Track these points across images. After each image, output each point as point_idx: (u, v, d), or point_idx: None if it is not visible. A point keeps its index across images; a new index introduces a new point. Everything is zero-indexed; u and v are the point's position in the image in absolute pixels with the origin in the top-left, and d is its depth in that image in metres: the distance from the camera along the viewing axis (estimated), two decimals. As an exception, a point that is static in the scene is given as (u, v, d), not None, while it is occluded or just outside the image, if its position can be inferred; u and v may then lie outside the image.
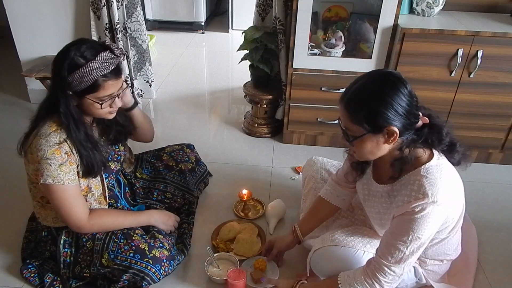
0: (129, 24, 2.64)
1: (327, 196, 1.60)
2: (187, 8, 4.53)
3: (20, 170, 2.21)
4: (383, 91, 1.14)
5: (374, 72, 1.24)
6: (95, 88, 1.34)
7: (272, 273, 1.62)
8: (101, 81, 1.33)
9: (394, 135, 1.15)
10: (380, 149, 1.21)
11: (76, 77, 1.31)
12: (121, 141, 1.67)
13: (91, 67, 1.30)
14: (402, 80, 1.17)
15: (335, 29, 2.33)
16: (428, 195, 1.15)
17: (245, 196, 1.94)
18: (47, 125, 1.37)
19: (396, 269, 1.22)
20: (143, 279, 1.43)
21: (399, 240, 1.19)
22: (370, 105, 1.15)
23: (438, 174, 1.18)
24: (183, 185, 1.91)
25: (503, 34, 2.02)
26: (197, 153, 2.11)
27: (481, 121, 2.27)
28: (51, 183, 1.35)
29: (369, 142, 1.19)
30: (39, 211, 1.55)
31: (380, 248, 1.26)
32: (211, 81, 3.53)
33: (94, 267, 1.47)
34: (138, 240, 1.48)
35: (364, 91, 1.17)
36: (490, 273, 1.69)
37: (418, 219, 1.16)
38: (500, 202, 2.12)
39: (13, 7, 2.61)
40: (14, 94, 3.07)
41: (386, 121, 1.14)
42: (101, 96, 1.36)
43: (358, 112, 1.16)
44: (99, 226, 1.49)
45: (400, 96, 1.13)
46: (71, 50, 1.31)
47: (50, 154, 1.34)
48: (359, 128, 1.17)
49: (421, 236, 1.18)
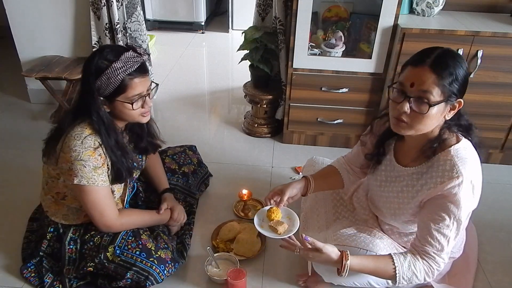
0: (129, 24, 2.64)
1: (339, 167, 1.59)
2: (187, 8, 4.53)
3: (20, 169, 2.23)
4: (464, 63, 1.17)
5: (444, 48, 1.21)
6: (123, 89, 1.35)
7: (290, 220, 1.49)
8: (127, 80, 1.35)
9: (458, 108, 1.18)
10: (437, 122, 1.19)
11: (103, 80, 1.33)
12: (150, 152, 1.69)
13: (116, 67, 1.32)
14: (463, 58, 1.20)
15: (335, 29, 2.34)
16: (462, 174, 1.16)
17: (245, 196, 1.94)
18: (80, 127, 1.38)
19: (445, 256, 1.23)
20: (147, 279, 1.43)
21: (442, 225, 1.20)
22: (459, 72, 1.14)
23: (469, 155, 1.20)
24: (185, 188, 1.92)
25: (503, 34, 2.02)
26: (199, 155, 2.12)
27: (481, 121, 2.26)
28: (85, 184, 1.37)
29: (439, 111, 1.16)
30: (50, 206, 1.55)
31: (422, 237, 1.25)
32: (211, 81, 3.53)
33: (98, 259, 1.47)
34: (145, 239, 1.50)
35: (451, 58, 1.15)
36: (490, 273, 1.69)
37: (456, 201, 1.17)
38: (500, 202, 2.12)
39: (13, 7, 2.61)
40: (14, 94, 3.07)
41: (462, 92, 1.16)
42: (131, 96, 1.38)
43: (448, 76, 1.13)
44: (128, 225, 1.52)
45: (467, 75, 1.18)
46: (95, 57, 1.34)
47: (85, 156, 1.36)
48: (441, 93, 1.14)
49: (461, 217, 1.18)
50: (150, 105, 1.46)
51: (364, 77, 2.28)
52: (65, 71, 2.53)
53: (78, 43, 2.73)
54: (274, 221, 1.46)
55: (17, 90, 3.07)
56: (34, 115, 2.81)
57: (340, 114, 2.40)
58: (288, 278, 1.62)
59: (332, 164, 1.63)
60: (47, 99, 2.78)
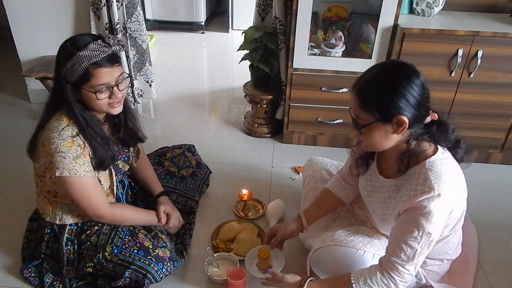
0: (129, 24, 2.64)
1: (333, 188, 1.60)
2: (187, 8, 4.53)
3: (20, 169, 2.23)
4: (395, 80, 1.15)
5: (388, 62, 1.25)
6: (87, 77, 1.34)
7: (278, 260, 1.59)
8: (91, 69, 1.34)
9: (403, 125, 1.15)
10: (388, 139, 1.21)
11: (68, 67, 1.33)
12: (131, 145, 1.68)
13: (80, 55, 1.31)
14: (416, 70, 1.18)
15: (335, 29, 2.33)
16: (434, 188, 1.15)
17: (245, 196, 1.94)
18: (56, 119, 1.39)
19: (409, 267, 1.21)
20: (145, 277, 1.43)
21: (409, 237, 1.18)
22: (382, 93, 1.16)
23: (443, 168, 1.18)
24: (184, 191, 1.92)
25: (503, 34, 2.02)
26: (198, 155, 2.12)
27: (481, 121, 2.27)
28: (67, 175, 1.37)
29: (377, 131, 1.19)
30: (44, 207, 1.55)
31: (390, 247, 1.25)
32: (211, 81, 3.53)
33: (97, 259, 1.47)
34: (142, 238, 1.50)
35: (377, 79, 1.18)
36: (490, 273, 1.69)
37: (426, 213, 1.15)
38: (500, 202, 2.12)
39: (13, 7, 2.61)
40: (14, 94, 3.07)
41: (396, 110, 1.14)
42: (95, 85, 1.36)
43: (369, 99, 1.17)
44: (120, 216, 1.53)
45: (413, 87, 1.14)
46: (66, 43, 1.36)
47: (63, 147, 1.36)
48: (368, 116, 1.18)
49: (431, 231, 1.17)
50: (119, 96, 1.43)
51: (364, 77, 2.27)
52: (65, 71, 2.53)
53: (78, 43, 2.73)
54: (261, 261, 1.58)
55: (17, 90, 3.07)
56: (34, 115, 2.81)
57: (340, 114, 2.40)
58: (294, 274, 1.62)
59: (326, 187, 1.63)
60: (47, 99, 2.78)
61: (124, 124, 1.59)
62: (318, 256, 1.45)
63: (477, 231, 1.84)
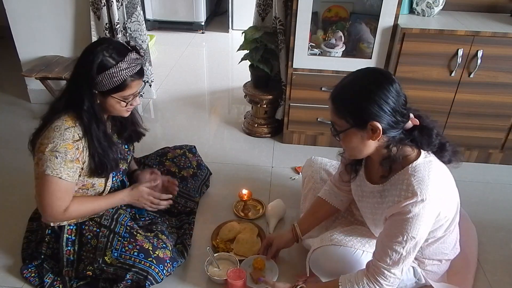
0: (129, 24, 2.64)
1: (326, 196, 1.61)
2: (187, 8, 4.53)
3: (20, 170, 2.23)
4: (367, 87, 1.17)
5: (363, 69, 1.26)
6: (122, 88, 1.38)
7: (272, 272, 1.62)
8: (129, 81, 1.38)
9: (377, 131, 1.16)
10: (366, 146, 1.22)
11: (106, 77, 1.34)
12: (134, 140, 1.69)
13: (121, 68, 1.34)
14: (390, 78, 1.18)
15: (335, 29, 2.33)
16: (417, 194, 1.15)
17: (245, 196, 1.94)
18: (61, 119, 1.39)
19: (395, 271, 1.22)
20: (146, 279, 1.43)
21: (394, 241, 1.20)
22: (354, 99, 1.19)
23: (426, 172, 1.18)
24: (184, 192, 1.92)
25: (503, 34, 2.02)
26: (199, 156, 2.12)
27: (481, 121, 2.27)
28: (49, 174, 1.36)
29: (354, 137, 1.22)
30: None
31: (376, 251, 1.27)
32: (211, 81, 3.53)
33: (97, 264, 1.48)
34: (141, 239, 1.50)
35: (350, 86, 1.22)
36: (490, 273, 1.69)
37: (410, 218, 1.17)
38: (500, 202, 2.12)
39: (13, 7, 2.61)
40: (14, 94, 3.07)
41: (369, 116, 1.16)
42: (127, 95, 1.40)
43: (343, 106, 1.21)
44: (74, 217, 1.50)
45: (385, 93, 1.15)
46: (98, 51, 1.34)
47: (61, 148, 1.35)
48: (343, 122, 1.21)
49: (415, 235, 1.18)
50: (139, 102, 1.49)
51: (364, 77, 2.27)
52: (65, 71, 2.53)
53: (78, 43, 2.73)
54: (255, 271, 1.59)
55: (17, 90, 3.07)
56: (34, 115, 2.81)
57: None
58: (287, 278, 1.62)
59: (320, 195, 1.63)
60: (47, 99, 2.77)
61: (130, 121, 1.61)
62: (317, 256, 1.45)
63: (477, 231, 1.83)
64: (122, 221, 1.56)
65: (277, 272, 1.61)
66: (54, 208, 1.42)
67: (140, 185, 1.65)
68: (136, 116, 1.65)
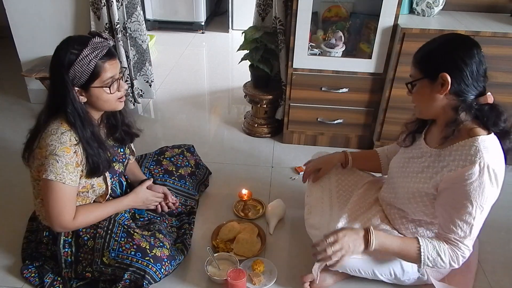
0: (129, 24, 2.64)
1: (380, 153, 1.71)
2: (187, 8, 4.53)
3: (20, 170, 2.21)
4: (451, 43, 1.24)
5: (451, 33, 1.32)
6: (97, 74, 1.36)
7: (271, 274, 1.62)
8: (100, 65, 1.36)
9: (446, 84, 1.20)
10: (434, 100, 1.26)
11: (76, 69, 1.33)
12: (127, 142, 1.67)
13: (86, 54, 1.33)
14: (476, 44, 1.23)
15: (335, 29, 2.34)
16: (485, 160, 1.17)
17: (245, 196, 1.94)
18: (56, 123, 1.38)
19: (468, 242, 1.24)
20: (144, 278, 1.43)
21: (464, 212, 1.21)
22: (435, 51, 1.25)
23: (494, 146, 1.22)
24: (183, 190, 1.92)
25: (503, 34, 2.02)
26: (197, 156, 2.12)
27: (481, 121, 2.26)
28: (52, 179, 1.35)
29: (424, 89, 1.26)
30: (41, 210, 1.54)
31: (444, 224, 1.27)
32: (211, 81, 3.53)
33: (95, 265, 1.48)
34: (139, 239, 1.49)
35: (437, 40, 1.27)
36: (490, 273, 1.69)
37: (477, 186, 1.18)
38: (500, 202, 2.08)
39: (13, 7, 2.61)
40: (14, 94, 3.07)
41: (441, 68, 1.21)
42: (105, 80, 1.38)
43: (423, 56, 1.27)
44: (83, 225, 1.50)
45: (466, 54, 1.20)
46: (61, 49, 1.35)
47: (60, 151, 1.35)
48: (418, 72, 1.27)
49: (483, 204, 1.19)
50: (125, 87, 1.48)
51: (364, 77, 2.28)
52: (65, 71, 2.53)
53: (78, 43, 2.73)
54: (253, 272, 1.60)
55: (17, 90, 3.07)
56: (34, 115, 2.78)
57: (340, 114, 2.40)
58: (287, 278, 1.62)
59: (376, 149, 1.74)
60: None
61: (121, 122, 1.60)
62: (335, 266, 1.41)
63: (477, 231, 1.83)
64: (120, 220, 1.56)
65: (276, 274, 1.61)
66: (64, 217, 1.42)
67: (140, 187, 1.68)
68: (128, 118, 1.64)
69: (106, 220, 1.55)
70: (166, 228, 1.73)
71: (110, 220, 1.55)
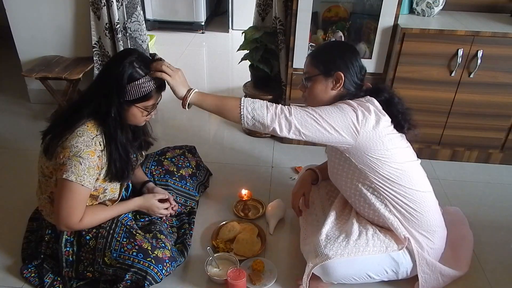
0: (129, 24, 2.64)
1: None
2: (187, 8, 4.53)
3: (20, 170, 2.23)
4: (343, 48, 1.53)
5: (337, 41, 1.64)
6: (147, 98, 1.43)
7: (271, 274, 1.62)
8: (153, 92, 1.43)
9: (340, 81, 1.44)
10: (327, 94, 1.47)
11: (134, 87, 1.39)
12: (143, 149, 1.73)
13: (148, 79, 1.41)
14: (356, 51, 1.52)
15: (335, 29, 2.33)
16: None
17: (245, 196, 1.94)
18: (84, 125, 1.41)
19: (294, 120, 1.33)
20: (145, 279, 1.43)
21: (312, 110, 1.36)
22: (329, 53, 1.50)
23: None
24: (184, 190, 1.92)
25: (503, 34, 2.02)
26: (198, 157, 2.12)
27: (481, 121, 2.27)
28: (73, 180, 1.37)
29: (319, 85, 1.47)
30: (46, 206, 1.55)
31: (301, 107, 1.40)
32: (211, 81, 3.53)
33: (97, 265, 1.48)
34: (140, 239, 1.49)
35: (329, 45, 1.64)
36: (490, 273, 1.69)
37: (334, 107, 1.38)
38: (500, 202, 2.12)
39: (13, 7, 2.62)
40: (14, 94, 3.07)
41: (336, 67, 1.44)
42: (149, 105, 1.46)
43: (319, 57, 1.50)
44: (88, 226, 1.51)
45: (354, 57, 1.47)
46: (127, 62, 1.38)
47: (84, 154, 1.37)
48: (315, 70, 1.47)
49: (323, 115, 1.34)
50: (156, 113, 1.57)
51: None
52: (65, 71, 2.53)
53: (78, 43, 2.73)
54: (253, 272, 1.61)
55: (17, 90, 3.07)
56: (34, 115, 2.81)
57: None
58: (287, 278, 1.62)
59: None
60: (47, 99, 2.78)
61: (142, 131, 1.66)
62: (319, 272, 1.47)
63: (477, 231, 1.83)
64: (123, 220, 1.56)
65: (276, 274, 1.61)
66: (73, 218, 1.43)
67: (153, 197, 1.70)
68: (147, 126, 1.69)
69: (109, 220, 1.55)
70: (167, 228, 1.73)
71: (113, 220, 1.55)
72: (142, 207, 1.68)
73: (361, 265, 1.46)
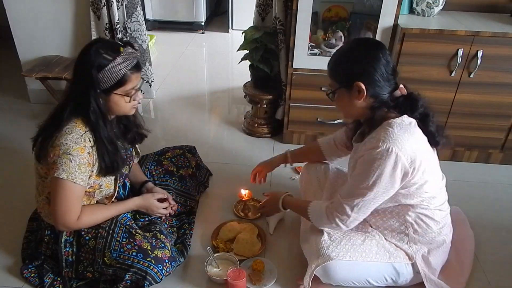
0: (129, 24, 2.64)
1: (322, 144, 1.78)
2: (187, 8, 4.53)
3: (20, 170, 2.23)
4: (357, 52, 1.33)
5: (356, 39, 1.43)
6: (123, 82, 1.40)
7: (271, 274, 1.61)
8: (128, 75, 1.40)
9: (361, 92, 1.30)
10: (353, 106, 1.35)
11: (106, 74, 1.36)
12: (137, 142, 1.71)
13: (118, 62, 1.37)
14: (379, 46, 1.33)
15: (335, 29, 2.33)
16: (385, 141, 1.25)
17: (245, 196, 1.94)
18: (73, 123, 1.40)
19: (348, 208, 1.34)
20: (145, 279, 1.43)
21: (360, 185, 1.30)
22: (344, 62, 1.34)
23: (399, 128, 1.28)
24: (184, 190, 1.92)
25: (503, 34, 2.02)
26: (198, 157, 2.12)
27: (481, 121, 2.27)
28: (64, 178, 1.36)
29: (343, 98, 1.36)
30: (44, 207, 1.55)
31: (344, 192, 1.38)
32: (211, 81, 3.53)
33: (97, 265, 1.48)
34: (140, 239, 1.49)
35: (343, 52, 1.37)
36: (490, 273, 1.69)
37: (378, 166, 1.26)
38: (500, 202, 2.12)
39: (13, 7, 2.61)
40: (14, 94, 3.07)
41: (354, 77, 1.30)
42: (128, 89, 1.43)
43: (335, 68, 1.37)
44: (86, 226, 1.51)
45: (373, 59, 1.29)
46: (93, 50, 1.36)
47: (74, 151, 1.36)
48: (334, 83, 1.37)
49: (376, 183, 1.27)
50: (141, 97, 1.51)
51: (364, 77, 2.28)
52: (65, 71, 2.53)
53: (78, 43, 2.73)
54: (254, 272, 1.61)
55: (17, 90, 3.07)
56: (34, 115, 2.81)
57: (340, 114, 2.39)
58: (287, 278, 1.62)
59: (318, 141, 1.81)
60: (47, 99, 2.78)
61: (133, 123, 1.63)
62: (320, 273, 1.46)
63: (477, 231, 1.83)
64: (122, 220, 1.56)
65: (276, 274, 1.61)
66: (70, 216, 1.43)
67: (152, 197, 1.70)
68: (138, 118, 1.68)
69: (109, 220, 1.55)
70: (167, 228, 1.73)
71: (113, 220, 1.55)
72: (141, 207, 1.67)
73: (362, 270, 1.46)
